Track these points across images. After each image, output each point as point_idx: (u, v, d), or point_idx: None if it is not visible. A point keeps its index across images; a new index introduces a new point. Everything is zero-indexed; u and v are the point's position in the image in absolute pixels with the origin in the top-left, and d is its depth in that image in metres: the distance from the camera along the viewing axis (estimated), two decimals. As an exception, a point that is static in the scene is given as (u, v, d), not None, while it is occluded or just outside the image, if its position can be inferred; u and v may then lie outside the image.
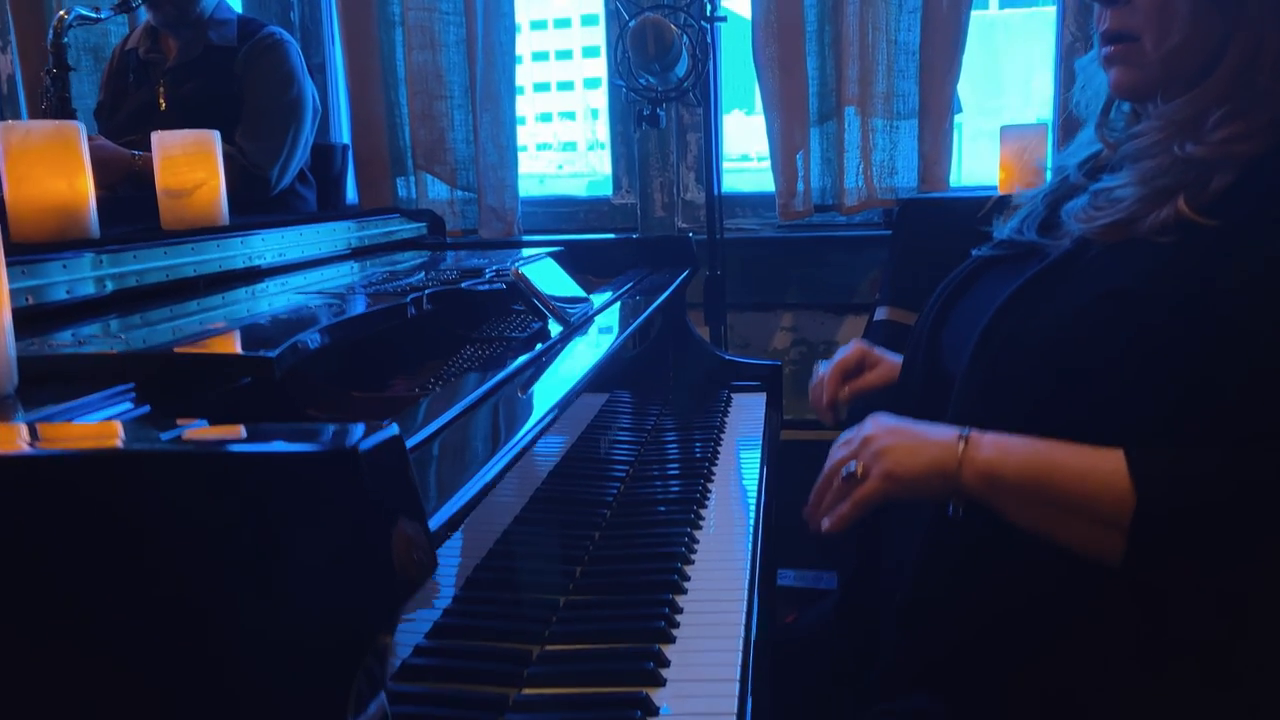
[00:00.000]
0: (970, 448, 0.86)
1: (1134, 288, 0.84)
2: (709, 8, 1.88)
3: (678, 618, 0.93)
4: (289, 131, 2.34)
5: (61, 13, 2.12)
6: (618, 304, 1.41)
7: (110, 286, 1.08)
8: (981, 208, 1.77)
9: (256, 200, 2.29)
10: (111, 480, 0.47)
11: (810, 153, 2.39)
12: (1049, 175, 2.02)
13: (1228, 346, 0.81)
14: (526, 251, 1.68)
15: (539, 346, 1.05)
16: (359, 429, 0.47)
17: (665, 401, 1.74)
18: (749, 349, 2.65)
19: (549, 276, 1.26)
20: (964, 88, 2.38)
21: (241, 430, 0.51)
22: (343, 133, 2.86)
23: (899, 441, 0.90)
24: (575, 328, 1.16)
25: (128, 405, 0.71)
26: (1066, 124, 2.07)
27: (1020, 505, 0.86)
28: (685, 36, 1.70)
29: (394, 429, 0.47)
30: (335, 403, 0.93)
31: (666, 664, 0.85)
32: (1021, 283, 0.92)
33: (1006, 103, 3.40)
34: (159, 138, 1.42)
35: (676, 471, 1.39)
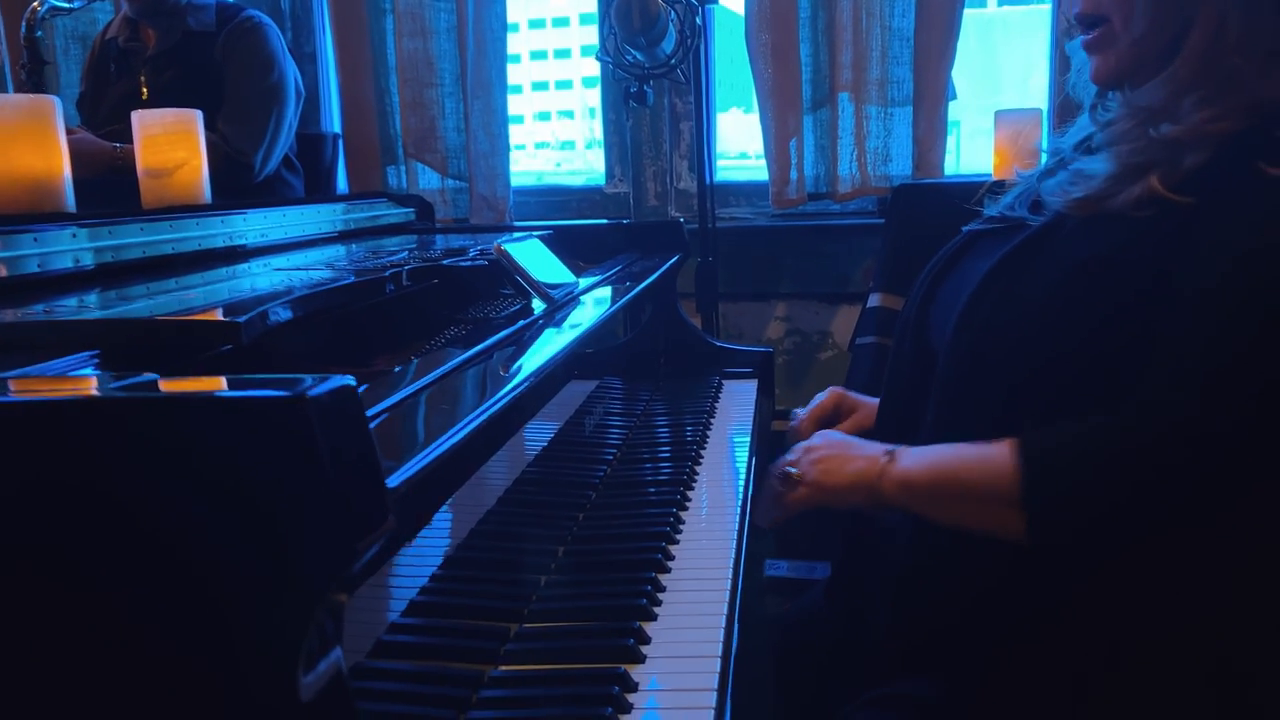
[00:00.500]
0: (891, 461, 0.92)
1: (1106, 256, 0.85)
2: (700, 17, 1.86)
3: (660, 596, 0.91)
4: (271, 116, 2.31)
5: (35, 4, 2.09)
6: (604, 285, 1.39)
7: (85, 261, 1.06)
8: (976, 193, 1.75)
9: (241, 186, 2.27)
10: (61, 426, 0.45)
11: (804, 140, 2.37)
12: (1044, 159, 2.00)
13: (1178, 318, 0.81)
14: (517, 235, 1.66)
15: (520, 323, 1.03)
16: (312, 378, 0.45)
17: (655, 388, 1.72)
18: (743, 339, 2.63)
19: (535, 257, 1.23)
20: (961, 84, 2.36)
21: (194, 380, 0.49)
22: (333, 121, 2.84)
23: (833, 453, 0.97)
24: (559, 306, 1.14)
25: (90, 371, 0.69)
26: (1062, 108, 2.05)
27: (932, 504, 0.90)
28: (673, 12, 1.68)
29: (347, 379, 0.46)
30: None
31: (647, 641, 0.83)
32: (1001, 257, 0.93)
33: (1004, 99, 3.41)
34: (139, 116, 1.40)
35: (664, 455, 1.37)
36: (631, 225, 1.88)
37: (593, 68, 2.63)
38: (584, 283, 1.32)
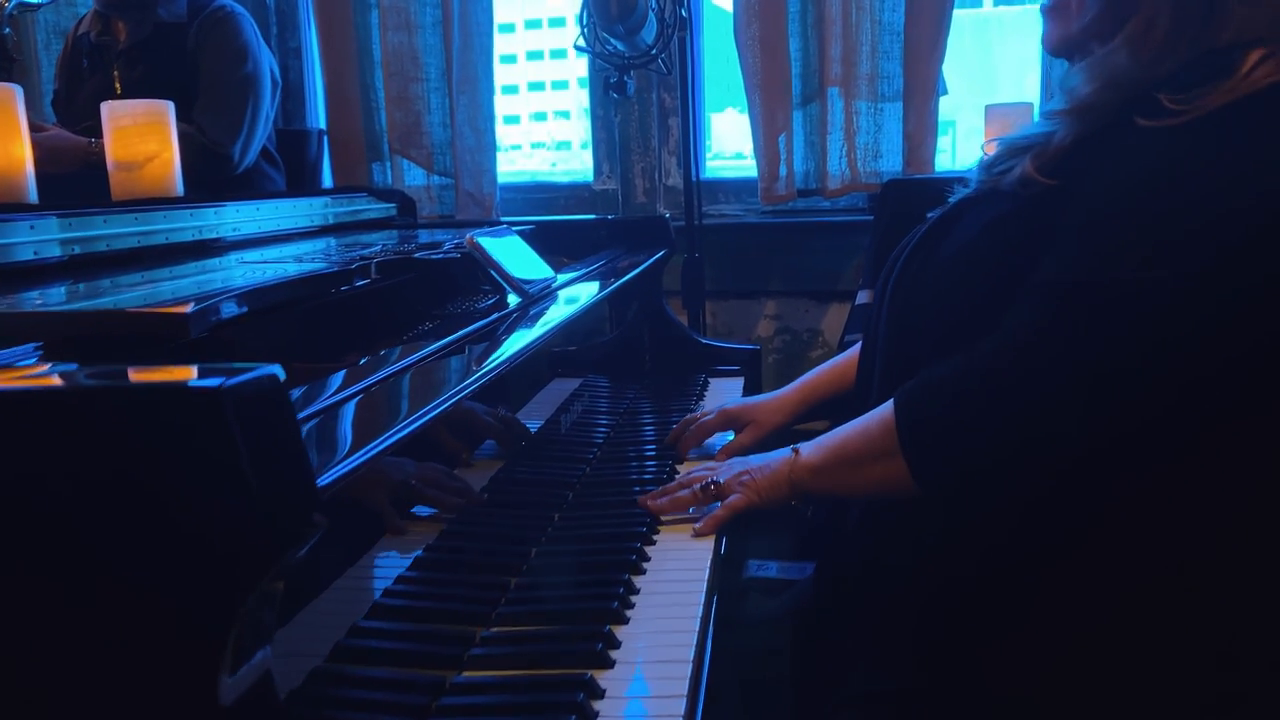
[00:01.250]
0: (798, 455, 1.00)
1: (996, 222, 0.90)
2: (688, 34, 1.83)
3: (633, 599, 0.88)
4: (247, 106, 2.28)
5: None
6: (582, 280, 1.36)
7: (45, 254, 1.03)
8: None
9: (220, 179, 2.23)
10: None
11: (793, 135, 2.34)
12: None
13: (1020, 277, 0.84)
14: (495, 229, 1.63)
15: (493, 317, 1.00)
16: (236, 368, 0.42)
17: (641, 386, 1.69)
18: (733, 336, 2.60)
19: (511, 251, 1.20)
20: (957, 83, 2.34)
21: (120, 369, 0.46)
22: (318, 117, 2.81)
23: (749, 465, 1.05)
24: (533, 300, 1.11)
25: (30, 363, 0.66)
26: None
27: (837, 478, 0.97)
28: (653, 0, 1.65)
29: (274, 368, 0.43)
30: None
31: (617, 645, 0.80)
32: (925, 229, 0.98)
33: (999, 98, 3.41)
34: (109, 108, 1.37)
35: (647, 453, 1.34)
36: (616, 221, 1.85)
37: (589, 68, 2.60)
38: (561, 278, 1.29)
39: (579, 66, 2.65)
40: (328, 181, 2.72)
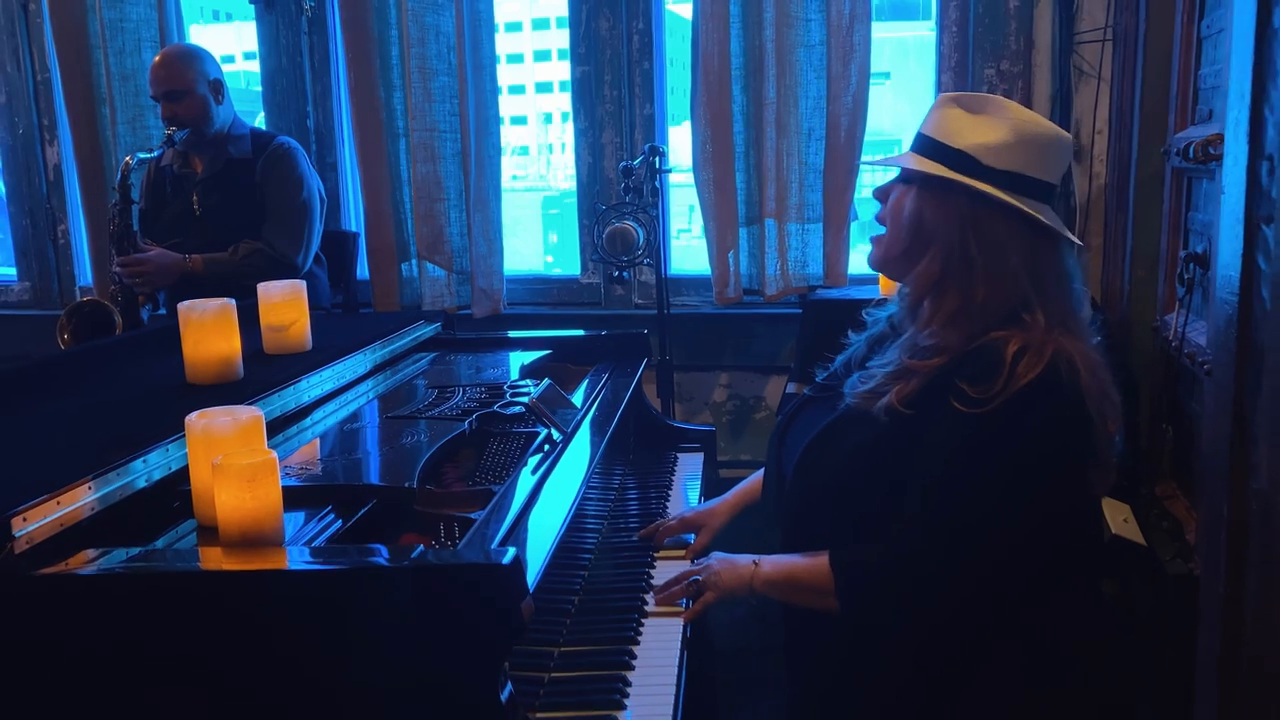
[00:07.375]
0: (758, 567, 1.44)
1: (874, 440, 1.36)
2: (658, 182, 2.48)
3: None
4: (306, 225, 2.90)
5: (127, 158, 2.67)
6: (593, 406, 1.99)
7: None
8: (867, 305, 2.40)
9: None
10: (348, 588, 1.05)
11: (739, 250, 3.00)
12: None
13: (911, 487, 1.32)
14: (522, 355, 2.26)
15: (552, 456, 1.63)
16: (503, 551, 1.05)
17: (628, 463, 2.32)
18: (694, 401, 3.25)
19: (552, 397, 1.82)
20: (903, 105, 2.96)
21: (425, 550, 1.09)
22: (351, 221, 3.41)
23: (723, 568, 1.48)
24: (570, 435, 1.74)
25: (337, 522, 1.28)
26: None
27: (786, 594, 1.43)
28: (641, 228, 2.30)
29: (512, 550, 1.06)
30: (429, 499, 1.50)
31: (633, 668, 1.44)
32: (818, 431, 1.45)
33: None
34: (264, 289, 1.96)
35: (649, 509, 1.95)
36: (608, 336, 2.46)
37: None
38: (580, 404, 1.92)
39: (559, 70, 3.25)
40: (362, 271, 3.32)
